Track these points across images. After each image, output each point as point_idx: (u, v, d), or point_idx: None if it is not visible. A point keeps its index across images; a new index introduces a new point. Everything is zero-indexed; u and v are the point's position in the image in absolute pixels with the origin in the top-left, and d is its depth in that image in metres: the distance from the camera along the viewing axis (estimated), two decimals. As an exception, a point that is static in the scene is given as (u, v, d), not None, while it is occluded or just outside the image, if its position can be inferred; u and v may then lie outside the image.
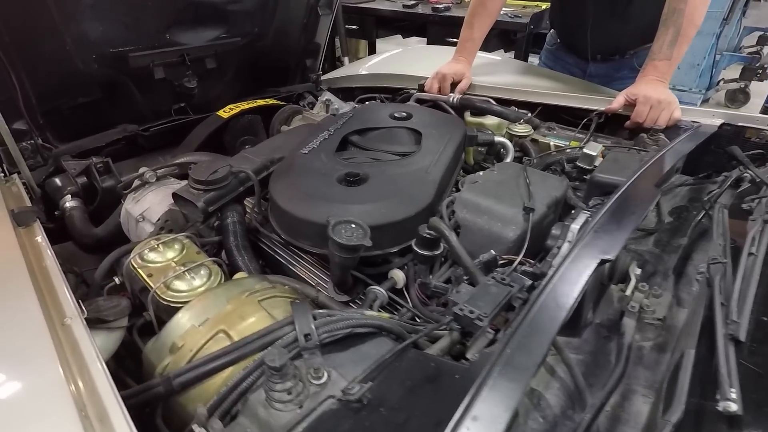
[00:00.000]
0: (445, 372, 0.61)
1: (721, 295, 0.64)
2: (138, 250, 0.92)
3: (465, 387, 0.53)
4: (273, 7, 1.93)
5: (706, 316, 0.63)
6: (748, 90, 4.90)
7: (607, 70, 2.02)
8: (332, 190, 1.05)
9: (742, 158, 1.17)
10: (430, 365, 0.64)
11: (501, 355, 0.56)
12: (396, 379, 0.62)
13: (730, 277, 0.69)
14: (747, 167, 1.10)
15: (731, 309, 0.61)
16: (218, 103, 2.00)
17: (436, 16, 3.51)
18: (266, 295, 0.78)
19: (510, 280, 0.75)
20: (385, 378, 0.63)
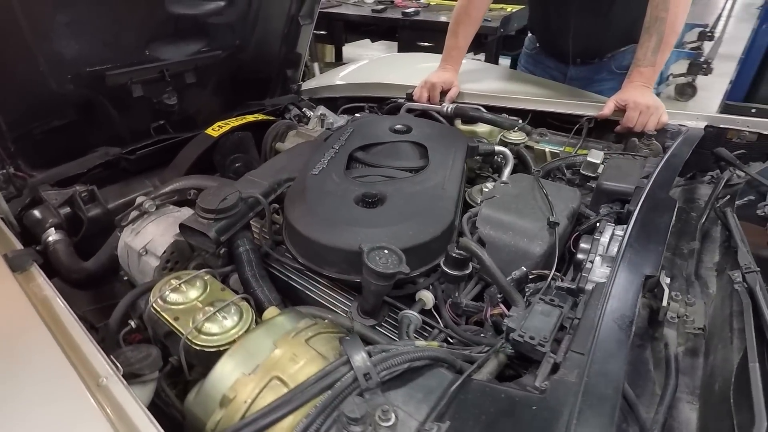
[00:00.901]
0: (519, 403, 0.61)
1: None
2: (158, 292, 0.86)
3: (546, 419, 0.53)
4: (254, 18, 1.87)
5: (757, 325, 0.66)
6: (695, 84, 5.23)
7: (586, 73, 2.09)
8: (353, 213, 1.03)
9: (733, 160, 1.23)
10: (500, 396, 0.63)
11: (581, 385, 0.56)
12: (469, 414, 0.61)
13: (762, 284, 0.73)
14: (741, 169, 1.16)
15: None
16: (198, 119, 1.93)
17: (407, 21, 3.52)
18: (311, 332, 0.75)
19: (558, 301, 0.76)
20: (457, 414, 0.62)
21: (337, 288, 1.08)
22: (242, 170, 1.69)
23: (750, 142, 1.41)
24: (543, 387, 0.63)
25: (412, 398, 0.67)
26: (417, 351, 0.71)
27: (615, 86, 2.14)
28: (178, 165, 1.52)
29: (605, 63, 2.06)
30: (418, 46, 3.63)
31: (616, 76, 2.11)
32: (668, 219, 0.89)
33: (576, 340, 0.68)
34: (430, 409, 0.65)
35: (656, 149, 1.43)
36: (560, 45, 2.08)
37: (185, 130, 1.79)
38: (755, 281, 0.71)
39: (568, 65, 2.13)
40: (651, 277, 0.75)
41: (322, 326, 0.78)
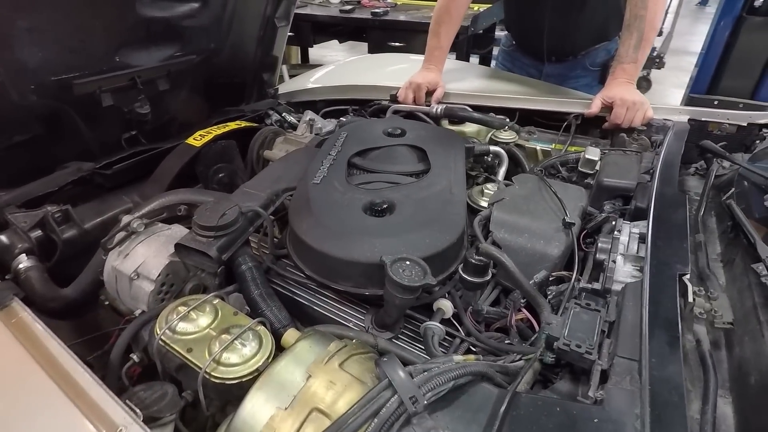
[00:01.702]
0: (578, 416, 0.59)
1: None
2: (165, 322, 0.79)
3: None
4: (229, 21, 1.78)
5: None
6: (650, 78, 5.48)
7: (562, 70, 2.14)
8: (365, 223, 0.98)
9: (722, 152, 1.27)
10: (555, 410, 0.61)
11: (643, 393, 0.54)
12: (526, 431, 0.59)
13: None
14: (731, 161, 1.19)
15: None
16: (172, 128, 1.82)
17: (376, 21, 3.49)
18: (343, 356, 0.70)
19: (595, 305, 0.74)
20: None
21: (346, 301, 1.04)
22: (226, 181, 1.61)
23: (730, 134, 1.47)
24: (599, 397, 0.61)
25: (461, 419, 0.64)
26: (460, 367, 0.68)
27: (590, 82, 2.22)
28: (160, 178, 1.42)
29: (579, 60, 2.12)
30: (388, 47, 3.61)
31: (590, 72, 2.18)
32: (684, 214, 0.90)
33: (620, 344, 0.67)
34: (481, 429, 0.62)
35: (645, 144, 1.46)
36: (536, 43, 2.13)
37: (159, 140, 1.69)
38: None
39: (543, 63, 2.18)
40: (684, 275, 0.75)
41: (352, 347, 0.74)
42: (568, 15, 1.96)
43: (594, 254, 0.94)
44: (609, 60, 2.21)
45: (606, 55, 2.18)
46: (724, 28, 2.85)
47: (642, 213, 1.03)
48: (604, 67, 2.22)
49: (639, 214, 1.04)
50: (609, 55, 2.20)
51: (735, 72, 2.86)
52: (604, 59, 2.17)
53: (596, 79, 2.24)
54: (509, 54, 2.34)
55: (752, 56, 2.81)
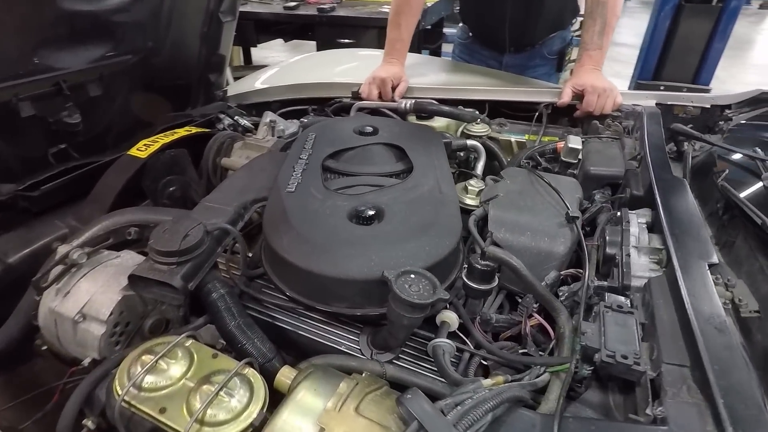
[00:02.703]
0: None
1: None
2: (127, 378, 0.64)
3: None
4: (168, 16, 1.59)
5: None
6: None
7: (521, 60, 2.15)
8: (354, 233, 0.87)
9: (695, 134, 1.27)
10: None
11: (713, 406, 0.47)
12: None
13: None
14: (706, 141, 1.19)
15: None
16: (108, 139, 1.61)
17: (324, 17, 3.35)
18: (357, 398, 0.59)
19: (626, 307, 0.68)
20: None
21: (335, 321, 0.92)
22: (178, 195, 1.43)
23: (694, 116, 1.49)
24: (659, 414, 0.54)
25: (505, 458, 0.55)
26: (495, 395, 0.59)
27: (548, 71, 2.24)
28: (100, 197, 1.23)
29: (537, 49, 2.15)
30: (337, 44, 3.48)
31: (548, 61, 2.22)
32: (690, 200, 0.87)
33: (664, 349, 0.61)
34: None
35: (618, 130, 1.45)
36: (497, 35, 2.11)
37: (94, 153, 1.48)
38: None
39: (503, 54, 2.18)
40: (713, 266, 0.71)
41: (363, 384, 0.63)
42: (529, 5, 1.96)
43: (603, 248, 0.88)
44: (564, 48, 2.26)
45: (561, 42, 2.22)
46: (665, 17, 2.99)
47: (639, 201, 1.00)
48: (560, 54, 2.27)
49: (636, 202, 1.00)
50: (564, 42, 2.24)
51: (677, 58, 3.02)
52: (559, 47, 2.21)
53: (554, 67, 2.28)
54: (467, 47, 2.32)
55: (692, 42, 2.97)
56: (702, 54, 2.99)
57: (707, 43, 2.94)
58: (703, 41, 2.95)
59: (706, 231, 0.78)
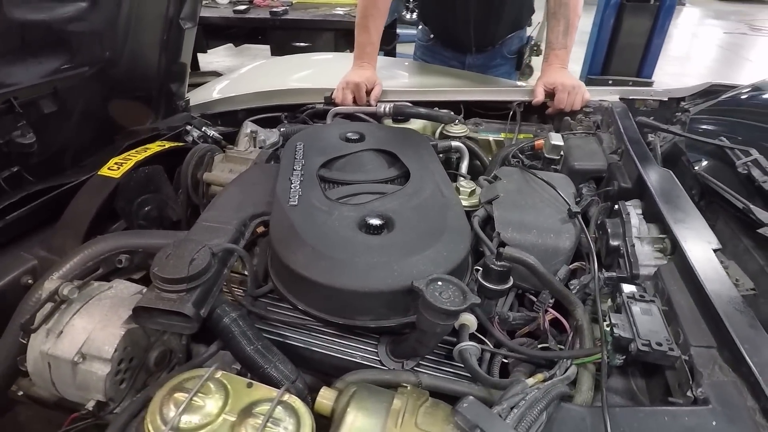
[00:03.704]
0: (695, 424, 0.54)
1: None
2: (161, 420, 0.59)
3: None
4: (126, 24, 1.49)
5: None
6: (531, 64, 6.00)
7: (483, 60, 2.23)
8: (370, 244, 0.86)
9: (662, 126, 1.37)
10: (663, 420, 0.56)
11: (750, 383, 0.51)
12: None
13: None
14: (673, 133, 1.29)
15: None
16: (66, 159, 1.49)
17: (277, 21, 3.27)
18: (413, 412, 0.58)
19: (648, 296, 0.71)
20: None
21: (346, 335, 0.90)
22: (155, 214, 1.35)
23: (654, 109, 1.60)
24: (699, 395, 0.58)
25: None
26: (545, 395, 0.60)
27: (508, 69, 2.33)
28: (73, 223, 1.13)
29: (497, 49, 2.23)
30: (292, 47, 3.42)
31: (508, 60, 2.31)
32: (680, 189, 0.93)
33: (689, 332, 0.65)
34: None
35: (589, 125, 1.52)
36: (459, 36, 2.16)
37: (51, 175, 1.36)
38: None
39: (465, 54, 2.23)
40: (717, 250, 0.76)
41: (413, 398, 0.62)
42: (491, 6, 2.02)
43: (606, 240, 0.93)
44: (522, 47, 2.36)
45: (519, 42, 2.32)
46: (609, 16, 3.20)
47: (628, 193, 1.06)
48: (519, 54, 2.36)
49: (624, 194, 1.06)
50: (522, 42, 2.34)
51: (622, 54, 3.24)
52: (518, 46, 2.31)
53: (513, 65, 2.38)
54: (429, 48, 2.35)
55: (634, 39, 3.20)
56: (644, 49, 3.25)
57: (648, 39, 3.19)
58: (644, 37, 3.20)
59: (701, 217, 0.84)
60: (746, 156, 0.97)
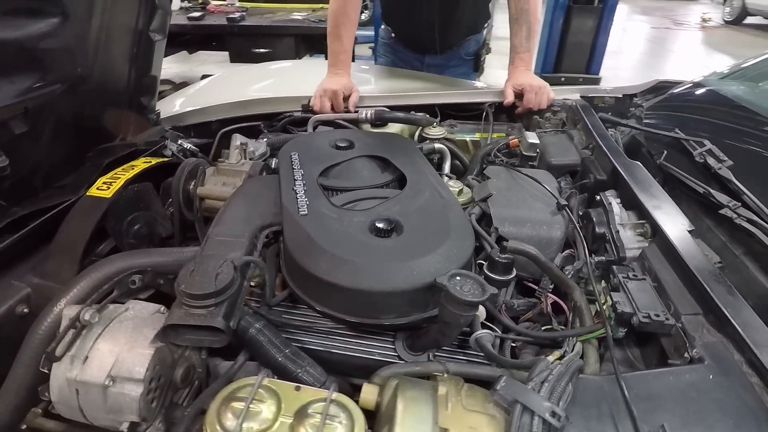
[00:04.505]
0: (696, 380, 0.64)
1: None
2: (218, 428, 0.61)
3: (729, 384, 0.58)
4: (97, 39, 1.45)
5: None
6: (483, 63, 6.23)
7: (441, 60, 2.34)
8: (385, 247, 0.91)
9: (622, 122, 1.51)
10: (669, 379, 0.65)
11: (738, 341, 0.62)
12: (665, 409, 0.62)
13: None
14: (632, 127, 1.43)
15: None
16: (36, 181, 1.43)
17: (235, 27, 3.23)
18: (458, 395, 0.65)
19: (635, 275, 0.82)
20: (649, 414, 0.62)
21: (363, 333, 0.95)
22: (145, 232, 1.33)
23: (611, 105, 1.75)
24: (696, 355, 0.68)
25: (591, 417, 0.64)
26: (567, 369, 0.68)
27: (465, 70, 2.46)
28: (68, 247, 1.10)
29: (455, 51, 2.34)
30: (252, 53, 3.38)
31: (465, 61, 2.44)
32: (651, 179, 1.05)
33: (678, 303, 0.75)
34: (612, 420, 0.64)
35: (555, 122, 1.65)
36: (420, 38, 2.27)
37: (23, 198, 1.31)
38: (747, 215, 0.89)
39: (425, 55, 2.34)
40: (691, 231, 0.88)
41: (452, 383, 0.68)
42: (454, 8, 2.12)
43: (592, 228, 1.03)
44: (479, 49, 2.49)
45: (476, 45, 2.44)
46: (558, 17, 3.42)
47: (603, 184, 1.17)
48: (476, 56, 2.49)
49: (600, 185, 1.17)
50: (478, 44, 2.47)
51: (571, 52, 3.47)
52: (474, 49, 2.44)
53: (471, 67, 2.50)
54: (390, 46, 2.44)
55: (581, 38, 3.44)
56: (591, 47, 3.50)
57: (594, 38, 3.44)
58: (591, 36, 3.45)
59: (673, 203, 0.96)
60: (701, 146, 1.11)
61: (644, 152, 1.36)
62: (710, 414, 0.60)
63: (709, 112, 1.39)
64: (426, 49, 2.32)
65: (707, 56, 8.96)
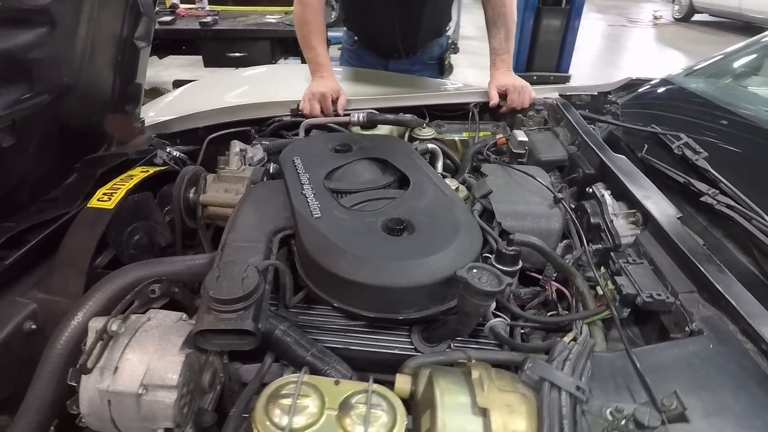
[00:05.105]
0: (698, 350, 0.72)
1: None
2: (272, 427, 0.64)
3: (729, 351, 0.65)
4: (83, 46, 1.42)
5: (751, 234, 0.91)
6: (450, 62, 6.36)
7: (405, 65, 2.37)
8: (401, 245, 0.95)
9: (597, 117, 1.61)
10: (674, 351, 0.73)
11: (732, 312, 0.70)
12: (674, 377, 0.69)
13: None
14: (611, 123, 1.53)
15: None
16: (21, 195, 1.39)
17: (209, 31, 3.18)
18: (490, 378, 0.70)
19: (634, 259, 0.89)
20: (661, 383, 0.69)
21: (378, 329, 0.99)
22: (145, 242, 1.32)
23: (587, 102, 1.85)
24: (696, 328, 0.75)
25: (610, 389, 0.71)
26: (584, 348, 0.75)
27: (430, 74, 2.49)
28: (73, 260, 1.09)
29: (419, 56, 2.38)
30: (226, 58, 3.35)
31: (428, 66, 2.47)
32: (637, 171, 1.14)
33: (674, 283, 0.83)
34: (629, 391, 0.71)
35: (538, 120, 1.74)
36: (384, 42, 2.29)
37: (8, 213, 1.28)
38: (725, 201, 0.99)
39: (388, 59, 2.37)
40: (680, 217, 0.96)
41: (482, 368, 0.73)
42: (414, 10, 2.14)
43: (587, 219, 1.11)
44: (442, 53, 2.51)
45: (439, 49, 2.48)
46: (528, 17, 3.56)
47: (592, 178, 1.25)
48: (440, 60, 2.52)
49: (589, 179, 1.25)
50: (441, 49, 2.49)
51: (542, 52, 3.61)
52: (438, 53, 2.48)
53: (435, 71, 2.52)
54: (354, 52, 2.44)
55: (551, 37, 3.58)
56: (560, 46, 3.66)
57: (563, 37, 3.60)
58: (560, 36, 3.60)
59: (660, 192, 1.05)
60: (678, 140, 1.21)
61: (623, 146, 1.46)
62: (714, 378, 0.68)
63: (678, 106, 1.50)
64: (389, 54, 2.34)
65: (659, 52, 9.46)
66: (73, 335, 0.89)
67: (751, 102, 1.47)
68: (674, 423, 0.62)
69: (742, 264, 0.92)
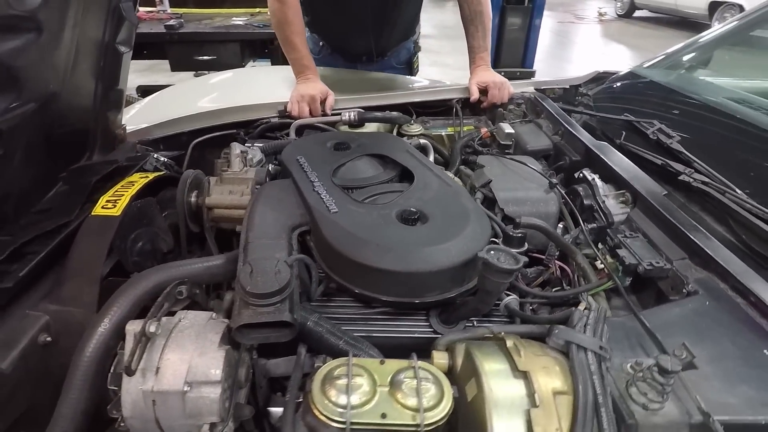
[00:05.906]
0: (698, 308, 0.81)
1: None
2: (332, 406, 0.68)
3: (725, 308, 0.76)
4: (68, 53, 1.39)
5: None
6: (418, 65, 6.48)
7: (373, 69, 2.40)
8: (418, 234, 1.01)
9: (574, 109, 1.73)
10: (675, 311, 0.82)
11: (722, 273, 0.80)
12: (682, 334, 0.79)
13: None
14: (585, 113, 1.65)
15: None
16: (6, 207, 1.34)
17: (175, 35, 3.11)
18: (522, 345, 0.77)
19: (630, 234, 0.99)
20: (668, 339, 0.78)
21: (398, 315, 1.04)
22: (149, 248, 1.31)
23: (560, 96, 1.98)
24: (692, 290, 0.85)
25: (625, 348, 0.80)
26: (599, 315, 0.83)
27: None
28: (84, 269, 1.07)
29: (387, 60, 2.42)
30: (195, 61, 3.29)
31: (397, 70, 2.50)
32: (620, 155, 1.24)
33: (667, 251, 0.93)
34: (644, 350, 0.79)
35: (518, 113, 1.84)
36: (350, 47, 2.31)
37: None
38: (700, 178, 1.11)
39: (356, 64, 2.39)
40: (665, 194, 1.07)
41: (513, 337, 0.80)
42: (385, 21, 2.19)
43: (580, 202, 1.20)
44: (410, 57, 2.56)
45: (407, 53, 2.53)
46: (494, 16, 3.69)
47: (578, 164, 1.36)
48: (408, 64, 2.57)
49: (576, 165, 1.36)
50: (410, 53, 2.55)
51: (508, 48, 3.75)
52: (406, 57, 2.53)
53: (405, 74, 2.54)
54: (320, 60, 2.38)
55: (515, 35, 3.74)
56: (524, 43, 3.82)
57: (526, 34, 3.77)
58: (524, 33, 3.76)
59: (644, 174, 1.16)
60: (651, 126, 1.34)
61: (600, 134, 1.58)
62: (714, 330, 0.78)
63: (646, 95, 1.64)
64: (358, 58, 2.34)
65: (605, 46, 10.02)
66: (101, 341, 0.89)
67: (708, 90, 1.63)
68: (686, 370, 0.71)
69: (720, 233, 1.04)
